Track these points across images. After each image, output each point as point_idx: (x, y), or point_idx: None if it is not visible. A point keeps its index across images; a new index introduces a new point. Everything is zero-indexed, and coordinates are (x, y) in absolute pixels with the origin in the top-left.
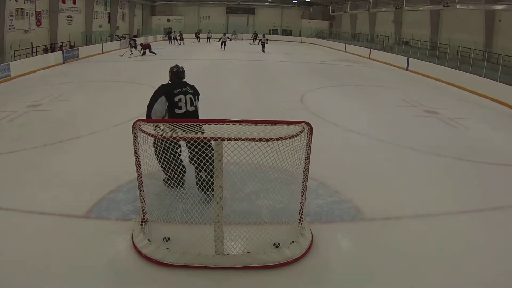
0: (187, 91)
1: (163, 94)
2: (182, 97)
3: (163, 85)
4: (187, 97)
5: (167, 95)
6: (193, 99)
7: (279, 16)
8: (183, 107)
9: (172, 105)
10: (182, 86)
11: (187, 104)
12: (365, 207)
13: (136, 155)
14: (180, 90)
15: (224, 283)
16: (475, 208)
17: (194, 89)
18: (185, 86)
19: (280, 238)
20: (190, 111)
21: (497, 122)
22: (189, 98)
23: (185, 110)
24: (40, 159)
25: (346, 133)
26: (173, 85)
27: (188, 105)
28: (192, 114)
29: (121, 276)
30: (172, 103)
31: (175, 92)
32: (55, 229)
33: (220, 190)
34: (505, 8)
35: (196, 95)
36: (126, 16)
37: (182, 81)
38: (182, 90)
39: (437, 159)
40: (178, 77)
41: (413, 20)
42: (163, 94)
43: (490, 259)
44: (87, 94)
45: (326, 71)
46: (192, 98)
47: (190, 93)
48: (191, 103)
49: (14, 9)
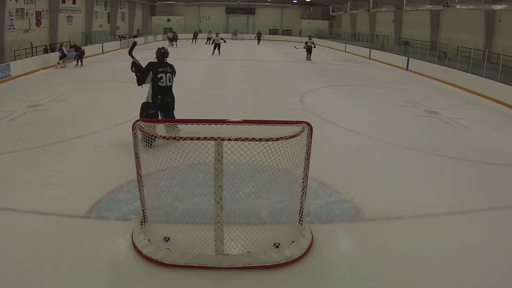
0: (167, 71)
1: (151, 70)
2: (163, 75)
3: (151, 62)
4: (167, 75)
5: (153, 71)
6: (171, 76)
7: (279, 16)
8: (164, 82)
9: (156, 80)
10: (164, 66)
11: (167, 80)
12: (365, 207)
13: (136, 155)
14: (162, 69)
15: (224, 283)
16: (475, 208)
17: (172, 68)
18: (166, 66)
19: (280, 238)
20: (169, 85)
21: (497, 122)
22: (168, 76)
23: (165, 84)
24: (40, 159)
25: (346, 133)
26: (158, 63)
27: (167, 81)
28: (169, 88)
29: (121, 276)
30: (156, 78)
31: (159, 70)
32: (55, 229)
33: (220, 190)
34: (505, 8)
35: (173, 73)
36: (126, 16)
37: (163, 62)
38: (164, 69)
39: (437, 159)
40: (163, 57)
41: (413, 20)
42: (151, 70)
43: (490, 259)
44: (87, 94)
45: (326, 71)
46: (171, 76)
47: (169, 72)
48: (169, 80)
49: (14, 9)
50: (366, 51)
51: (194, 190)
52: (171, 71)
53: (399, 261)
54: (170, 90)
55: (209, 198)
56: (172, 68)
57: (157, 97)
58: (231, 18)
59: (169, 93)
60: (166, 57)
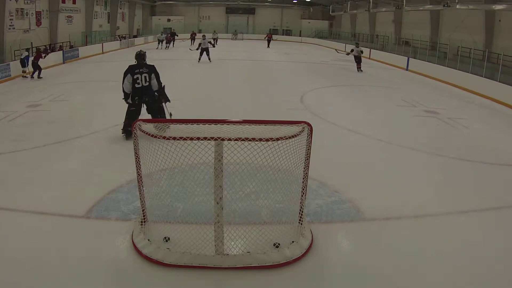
0: (143, 71)
1: (129, 72)
2: (139, 76)
3: (130, 65)
4: (142, 76)
5: (131, 74)
6: (147, 77)
7: (279, 16)
8: (140, 83)
9: (133, 81)
10: (140, 67)
11: (142, 81)
12: (365, 207)
13: (136, 155)
14: (138, 70)
15: (224, 283)
16: (475, 208)
17: (150, 68)
18: (142, 67)
19: (280, 238)
20: (145, 85)
21: (497, 122)
22: (144, 76)
23: (141, 85)
24: (40, 159)
25: (346, 133)
26: (135, 66)
27: (143, 82)
28: (145, 88)
29: (121, 276)
30: (133, 80)
31: (135, 72)
32: (55, 229)
33: (220, 190)
34: (505, 8)
35: (151, 73)
36: (126, 16)
37: (141, 63)
38: (140, 70)
39: (437, 159)
40: (139, 59)
41: (413, 20)
42: (129, 73)
43: (490, 259)
44: (87, 94)
45: (326, 71)
46: (147, 76)
47: (145, 72)
48: (145, 80)
49: (14, 9)
50: (366, 51)
51: (194, 190)
52: (148, 71)
53: (399, 261)
54: (148, 89)
55: (209, 198)
56: (150, 69)
57: (135, 98)
58: (231, 18)
59: (146, 93)
60: (142, 58)
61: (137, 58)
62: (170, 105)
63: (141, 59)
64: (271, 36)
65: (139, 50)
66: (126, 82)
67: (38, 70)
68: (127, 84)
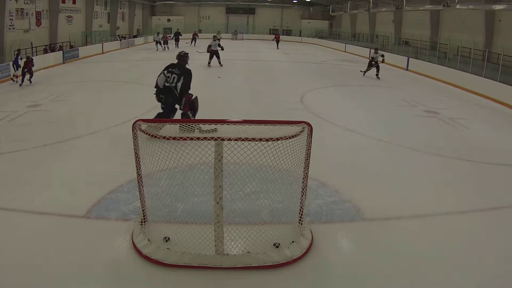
0: (174, 72)
1: (166, 69)
2: (170, 75)
3: (171, 63)
4: (172, 76)
5: (167, 70)
6: (176, 78)
7: (279, 16)
8: (169, 83)
9: (165, 79)
10: (173, 67)
11: (170, 80)
12: (365, 207)
13: (136, 155)
14: (171, 70)
15: (224, 283)
16: (475, 208)
17: (182, 71)
18: (176, 67)
19: (280, 238)
20: (172, 86)
21: (497, 122)
22: (173, 76)
23: (169, 84)
24: (40, 159)
25: (346, 133)
26: (172, 64)
27: (170, 81)
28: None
29: (121, 276)
30: (165, 77)
31: (168, 70)
32: (55, 229)
33: (220, 190)
34: (505, 8)
35: (181, 76)
36: (126, 16)
37: (178, 64)
38: (172, 70)
39: (437, 159)
40: (178, 60)
41: (413, 20)
42: (166, 69)
43: (490, 259)
44: (87, 94)
45: (326, 71)
46: (176, 77)
47: (176, 73)
48: (173, 80)
49: (14, 9)
50: (366, 51)
51: (194, 190)
52: (178, 74)
53: (399, 261)
54: (173, 90)
55: (209, 198)
56: (182, 72)
57: (160, 95)
58: (231, 18)
59: (171, 93)
60: (182, 59)
61: (177, 58)
62: None
63: (180, 59)
64: (279, 37)
65: (182, 51)
66: (162, 75)
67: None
68: (161, 78)
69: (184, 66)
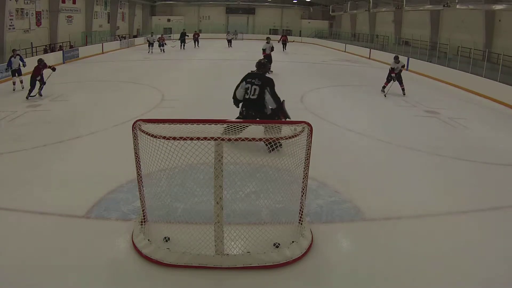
0: (254, 83)
1: (244, 79)
2: (249, 86)
3: (249, 73)
4: (252, 87)
5: (245, 81)
6: (257, 90)
7: (279, 16)
8: (249, 95)
9: (244, 90)
10: (253, 77)
11: (251, 93)
12: (365, 207)
13: (136, 155)
14: (250, 80)
15: (224, 283)
16: (475, 208)
17: (264, 82)
18: (255, 78)
19: (280, 238)
20: (252, 99)
21: (497, 122)
22: (253, 88)
23: (249, 97)
24: (40, 159)
25: (346, 133)
26: (251, 74)
27: (251, 93)
28: (253, 102)
29: (121, 276)
30: (244, 89)
31: (247, 81)
32: (55, 229)
33: (220, 190)
34: (505, 8)
35: (264, 87)
36: (126, 16)
37: (257, 73)
38: (252, 80)
39: (437, 159)
40: (258, 68)
41: (413, 20)
42: (244, 80)
43: (489, 259)
44: (87, 94)
45: (326, 71)
46: (257, 89)
47: (257, 84)
48: (253, 92)
49: (14, 9)
50: (366, 51)
51: (194, 190)
52: (260, 85)
53: (399, 261)
54: (256, 103)
55: (209, 198)
56: (264, 82)
57: (242, 109)
58: (231, 18)
59: (253, 107)
60: (261, 68)
61: (257, 66)
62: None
63: (260, 68)
64: (286, 38)
65: (262, 59)
66: (240, 88)
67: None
68: (240, 91)
69: (265, 76)
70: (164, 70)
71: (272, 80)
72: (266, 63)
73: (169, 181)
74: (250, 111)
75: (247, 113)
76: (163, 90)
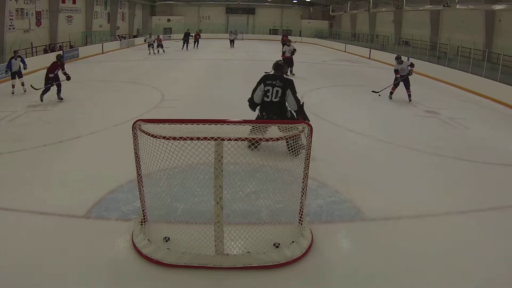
0: (276, 84)
1: (262, 82)
2: (270, 88)
3: (265, 75)
4: (274, 89)
5: (263, 83)
6: (280, 92)
7: (279, 16)
8: (270, 97)
9: (263, 93)
10: (273, 79)
11: (272, 95)
12: (365, 207)
13: (136, 155)
14: (270, 82)
15: (224, 283)
16: (475, 208)
17: (285, 83)
18: (276, 79)
19: (280, 238)
20: (274, 101)
21: (497, 122)
22: (275, 90)
23: (270, 99)
24: (40, 159)
25: (346, 133)
26: (269, 76)
27: (272, 96)
28: (275, 104)
29: (121, 276)
30: (263, 91)
31: (267, 83)
32: (55, 229)
33: (220, 190)
34: (505, 8)
35: (286, 88)
36: (126, 16)
37: (275, 74)
38: (272, 82)
39: (437, 159)
40: (276, 70)
41: (413, 20)
42: (262, 82)
43: (489, 259)
44: (87, 94)
45: (326, 71)
46: (280, 91)
47: (278, 86)
48: (276, 94)
49: (14, 9)
50: (366, 51)
51: (194, 190)
52: (282, 86)
53: (399, 261)
54: (277, 106)
55: (209, 198)
56: (286, 83)
57: (262, 113)
58: (231, 18)
59: (274, 110)
60: (280, 69)
61: (274, 68)
62: (173, 105)
63: (279, 69)
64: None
65: (279, 60)
66: (258, 91)
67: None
68: (258, 94)
69: (285, 77)
70: (164, 70)
71: (293, 82)
72: (284, 64)
73: (169, 181)
74: (271, 114)
75: (268, 117)
76: (163, 90)
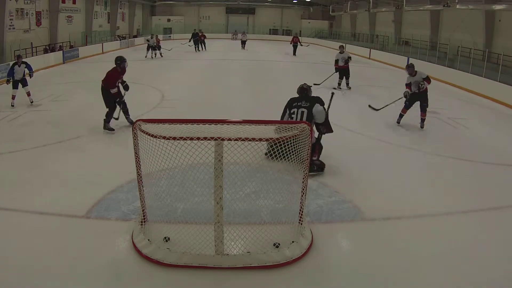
0: (301, 105)
1: (287, 106)
2: (295, 110)
3: (291, 98)
4: (299, 111)
5: (289, 107)
6: (306, 113)
7: (279, 16)
8: (295, 119)
9: (289, 116)
10: (299, 100)
11: (298, 116)
12: (365, 207)
13: (136, 155)
14: (296, 104)
15: (224, 283)
16: (475, 208)
17: (312, 101)
18: (302, 100)
19: (280, 238)
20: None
21: (497, 122)
22: (300, 111)
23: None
24: (40, 159)
25: (346, 133)
26: (295, 99)
27: (297, 117)
28: None
29: (121, 276)
30: (289, 114)
31: (293, 105)
32: (55, 229)
33: (220, 190)
34: (505, 8)
35: (312, 106)
36: (126, 16)
37: (301, 96)
38: (298, 104)
39: (437, 159)
40: (300, 93)
41: (413, 20)
42: (287, 107)
43: (489, 259)
44: (87, 94)
45: (326, 71)
46: (305, 112)
47: (304, 107)
48: (301, 115)
49: (14, 9)
50: (366, 51)
51: (194, 190)
52: (308, 106)
53: (399, 261)
54: None
55: (209, 198)
56: (313, 102)
57: None
58: (231, 18)
59: None
60: (304, 92)
61: (299, 92)
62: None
63: (302, 92)
64: (298, 40)
65: (303, 84)
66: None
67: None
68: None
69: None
70: (164, 70)
71: (320, 98)
72: (307, 88)
73: (169, 181)
74: None
75: None
76: (163, 90)
